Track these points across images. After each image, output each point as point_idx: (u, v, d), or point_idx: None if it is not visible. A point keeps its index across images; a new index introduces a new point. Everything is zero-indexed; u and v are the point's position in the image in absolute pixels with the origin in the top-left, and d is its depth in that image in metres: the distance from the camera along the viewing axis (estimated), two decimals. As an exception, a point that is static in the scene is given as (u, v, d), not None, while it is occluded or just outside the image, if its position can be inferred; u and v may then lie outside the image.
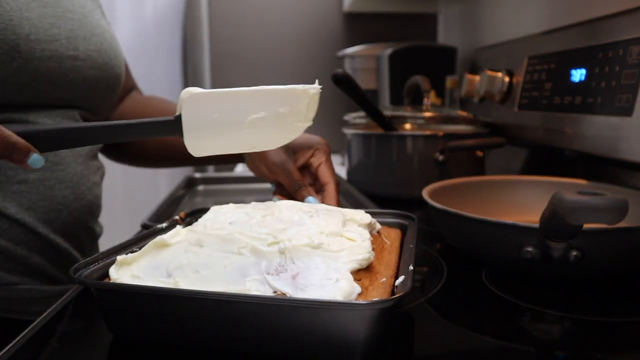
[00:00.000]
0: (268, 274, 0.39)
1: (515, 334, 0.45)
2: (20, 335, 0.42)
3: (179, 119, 0.41)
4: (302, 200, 0.61)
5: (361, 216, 0.49)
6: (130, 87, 0.86)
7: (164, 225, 0.53)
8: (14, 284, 0.60)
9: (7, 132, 0.41)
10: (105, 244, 0.79)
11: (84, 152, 0.66)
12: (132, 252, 0.45)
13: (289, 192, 0.65)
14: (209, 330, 0.38)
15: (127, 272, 0.42)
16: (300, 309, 0.35)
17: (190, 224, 0.53)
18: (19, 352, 0.40)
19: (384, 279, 0.41)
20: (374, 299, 0.36)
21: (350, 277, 0.38)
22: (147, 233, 0.51)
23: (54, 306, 0.49)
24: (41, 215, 0.60)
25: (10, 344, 0.40)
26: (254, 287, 0.38)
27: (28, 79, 0.57)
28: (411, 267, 0.41)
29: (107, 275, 0.42)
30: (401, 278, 0.40)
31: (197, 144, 0.43)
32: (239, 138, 0.43)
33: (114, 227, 0.95)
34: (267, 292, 0.37)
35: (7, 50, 0.54)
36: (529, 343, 0.43)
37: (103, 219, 0.79)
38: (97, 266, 0.43)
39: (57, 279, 0.64)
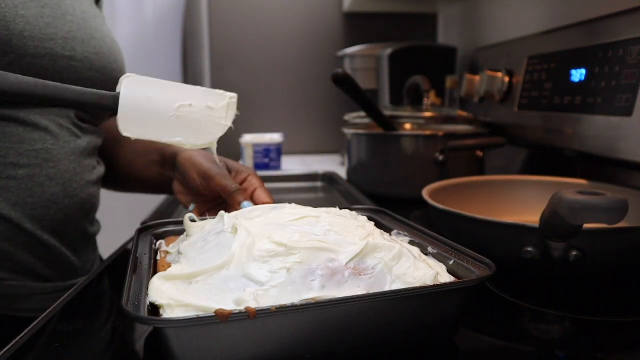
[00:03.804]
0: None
1: (515, 334, 0.45)
2: (20, 335, 0.42)
3: (117, 95, 0.47)
4: (237, 204, 0.60)
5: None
6: None
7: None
8: (1, 279, 0.59)
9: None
10: (104, 243, 0.79)
11: (78, 150, 0.65)
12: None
13: (210, 205, 0.67)
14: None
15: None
16: None
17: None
18: (19, 352, 0.40)
19: None
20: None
21: None
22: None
23: (54, 306, 0.49)
24: (29, 212, 0.59)
25: (10, 344, 0.40)
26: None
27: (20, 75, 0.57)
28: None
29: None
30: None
31: (129, 124, 0.48)
32: (168, 126, 0.49)
33: (113, 226, 0.95)
34: None
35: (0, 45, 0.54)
36: (529, 343, 0.43)
37: (102, 218, 0.78)
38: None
39: (46, 276, 0.63)
